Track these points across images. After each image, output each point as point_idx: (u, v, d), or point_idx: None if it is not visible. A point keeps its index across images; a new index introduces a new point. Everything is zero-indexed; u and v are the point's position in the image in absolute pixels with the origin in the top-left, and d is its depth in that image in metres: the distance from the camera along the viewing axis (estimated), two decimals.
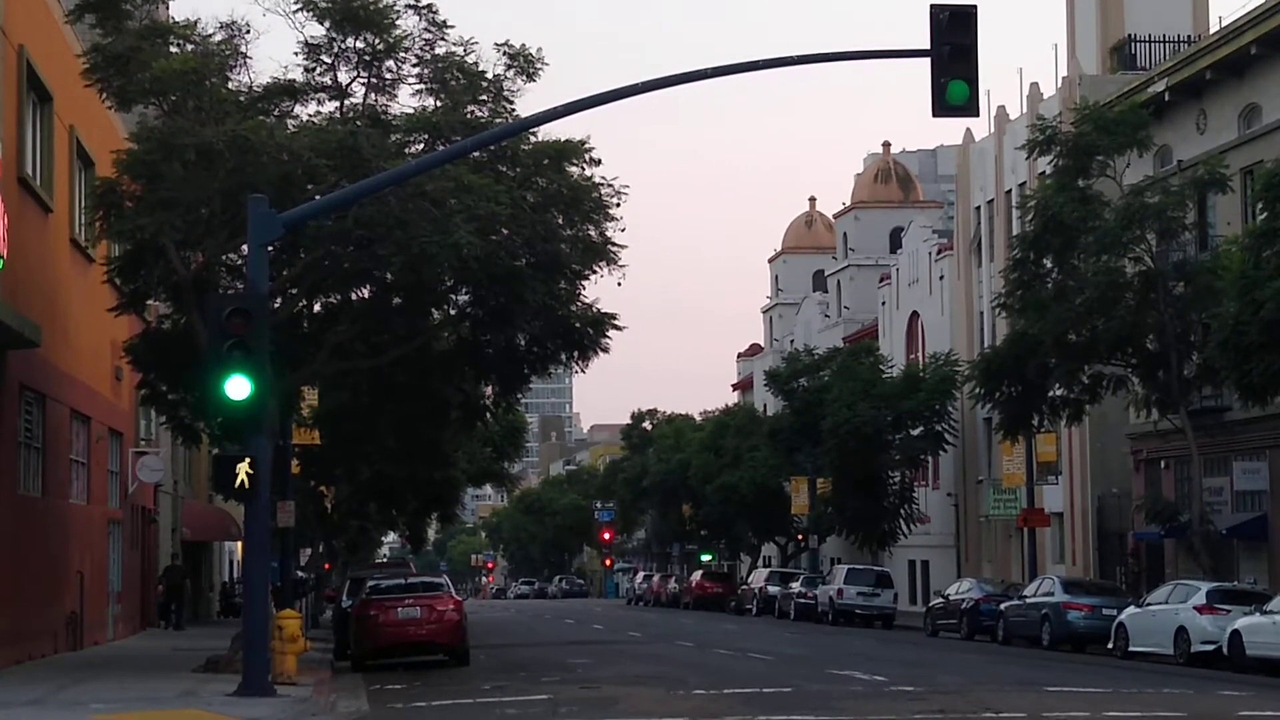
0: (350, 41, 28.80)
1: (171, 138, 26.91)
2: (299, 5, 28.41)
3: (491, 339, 31.49)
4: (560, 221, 29.48)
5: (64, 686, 23.82)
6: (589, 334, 31.01)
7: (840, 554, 72.81)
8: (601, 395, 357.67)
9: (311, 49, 29.02)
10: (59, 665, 28.60)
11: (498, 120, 28.61)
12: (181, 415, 33.04)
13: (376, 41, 28.74)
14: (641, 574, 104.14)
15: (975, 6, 21.22)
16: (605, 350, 31.31)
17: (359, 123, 28.31)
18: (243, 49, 28.73)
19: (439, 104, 29.07)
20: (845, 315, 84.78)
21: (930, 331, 70.14)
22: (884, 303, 76.77)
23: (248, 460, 21.94)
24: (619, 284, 30.58)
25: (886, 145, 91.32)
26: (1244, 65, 44.27)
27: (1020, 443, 50.76)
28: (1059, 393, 43.93)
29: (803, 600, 60.37)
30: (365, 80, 29.30)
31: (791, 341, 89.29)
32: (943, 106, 21.11)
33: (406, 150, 28.58)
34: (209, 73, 27.62)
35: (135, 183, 28.12)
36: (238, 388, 20.97)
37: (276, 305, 27.80)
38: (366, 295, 31.20)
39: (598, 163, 29.53)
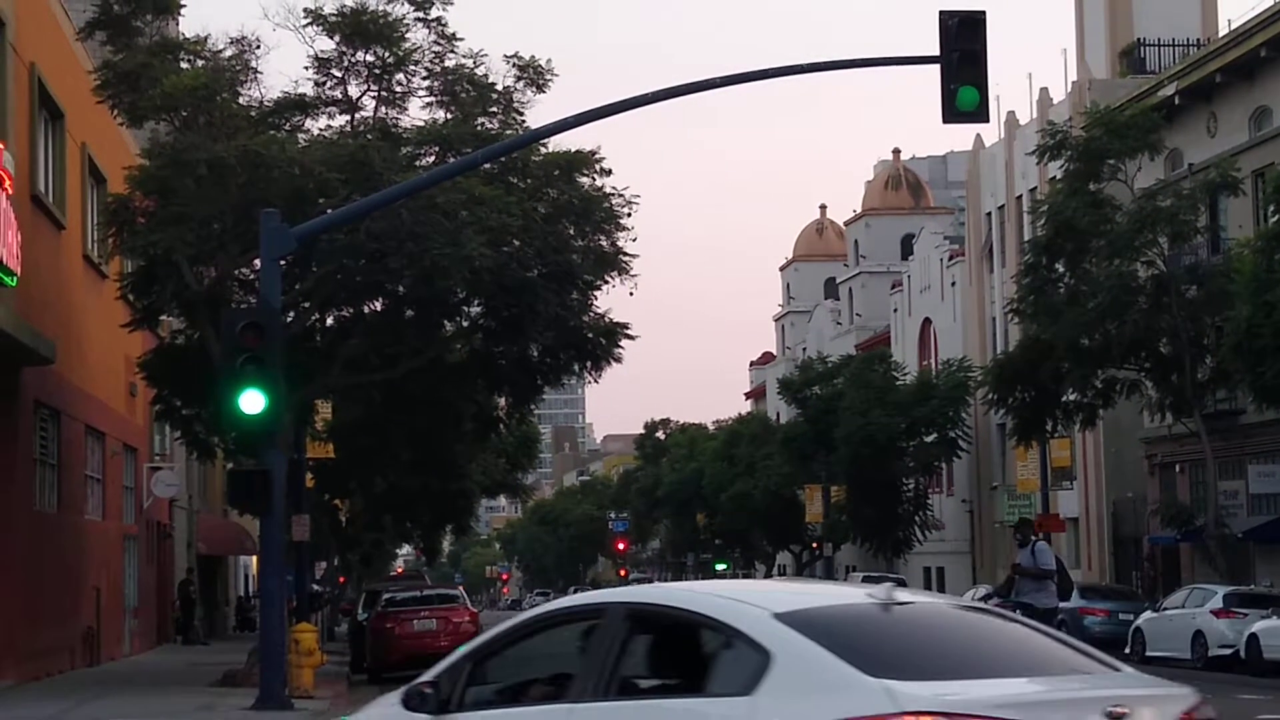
0: (360, 55, 28.87)
1: (183, 153, 26.96)
2: (309, 20, 28.50)
3: (504, 350, 31.52)
4: (571, 232, 29.51)
5: (82, 702, 23.85)
6: (601, 344, 31.01)
7: (855, 561, 72.73)
8: (614, 405, 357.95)
9: (321, 63, 29.10)
10: (76, 681, 28.63)
11: (508, 132, 28.65)
12: (196, 430, 33.08)
13: (386, 55, 28.80)
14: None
15: (984, 12, 21.20)
16: (618, 360, 31.33)
17: (370, 136, 28.37)
18: (253, 64, 28.82)
19: (449, 116, 29.12)
20: (857, 322, 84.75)
21: (943, 338, 70.09)
22: (896, 309, 76.73)
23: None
24: (631, 294, 30.62)
25: (896, 152, 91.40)
26: (1254, 68, 44.24)
27: (1034, 448, 50.69)
28: (1072, 397, 43.89)
29: None
30: (375, 93, 29.37)
31: (804, 349, 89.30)
32: (953, 113, 21.08)
33: (417, 163, 28.62)
34: (220, 88, 27.68)
35: (147, 199, 28.18)
36: (252, 402, 20.99)
37: (289, 319, 27.83)
38: (379, 308, 31.23)
39: (608, 173, 29.58)
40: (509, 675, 8.32)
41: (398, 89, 29.42)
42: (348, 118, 29.58)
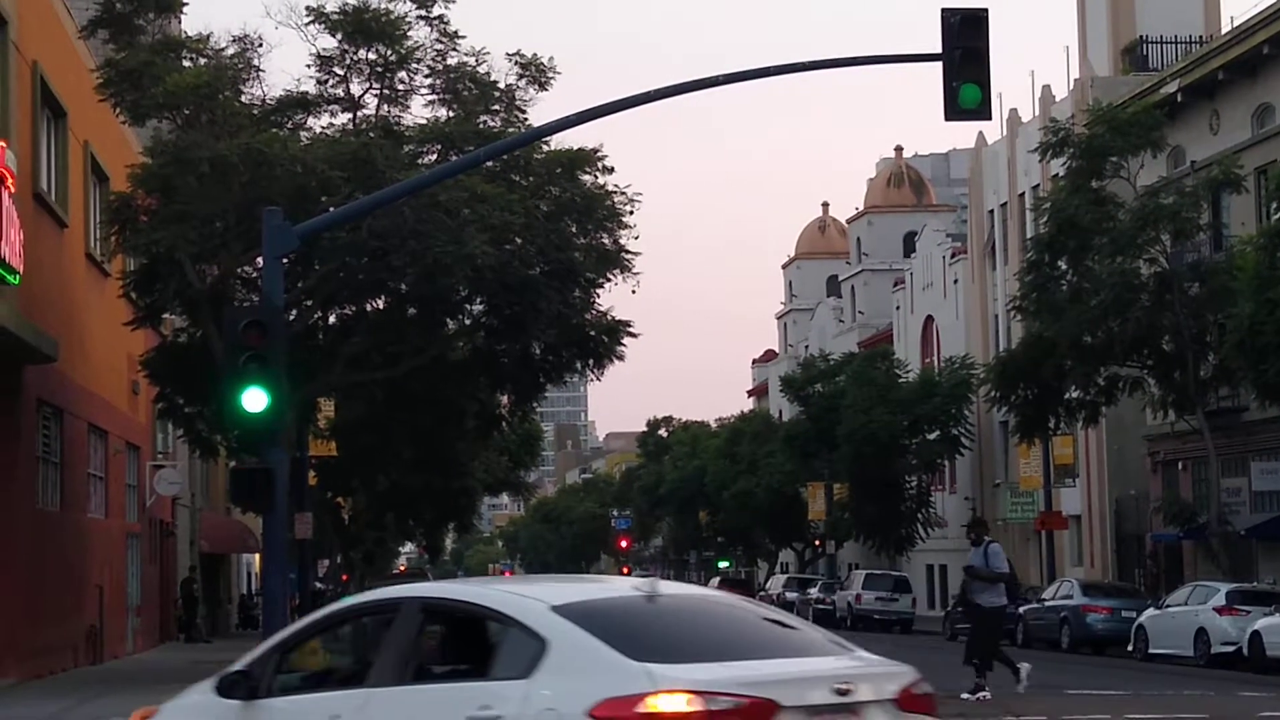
0: (362, 53, 28.90)
1: (185, 151, 26.98)
2: (311, 18, 28.56)
3: (506, 348, 31.54)
4: (574, 230, 29.53)
5: (85, 700, 23.86)
6: (604, 342, 31.04)
7: (858, 559, 72.73)
8: (617, 403, 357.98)
9: (324, 61, 29.13)
10: (79, 679, 28.64)
11: (510, 130, 28.67)
12: (198, 428, 33.10)
13: (388, 53, 28.83)
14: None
15: (987, 10, 21.18)
16: (620, 358, 31.36)
17: (372, 134, 28.39)
18: (255, 62, 28.88)
19: (451, 114, 29.15)
20: (860, 320, 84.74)
21: (945, 335, 70.06)
22: (898, 307, 76.71)
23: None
24: (633, 291, 30.67)
25: (899, 149, 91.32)
26: (1256, 65, 44.21)
27: (1037, 445, 50.68)
28: (1075, 395, 43.85)
29: (821, 606, 60.29)
30: (378, 91, 29.39)
31: (806, 347, 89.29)
32: (955, 110, 21.05)
33: (419, 161, 28.64)
34: (222, 86, 27.70)
35: (150, 197, 28.20)
36: (254, 400, 20.97)
37: (292, 317, 27.85)
38: (381, 306, 31.27)
39: (611, 171, 29.61)
40: (315, 664, 9.21)
41: (400, 87, 29.45)
42: (350, 116, 29.60)
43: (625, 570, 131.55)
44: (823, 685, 7.75)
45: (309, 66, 29.27)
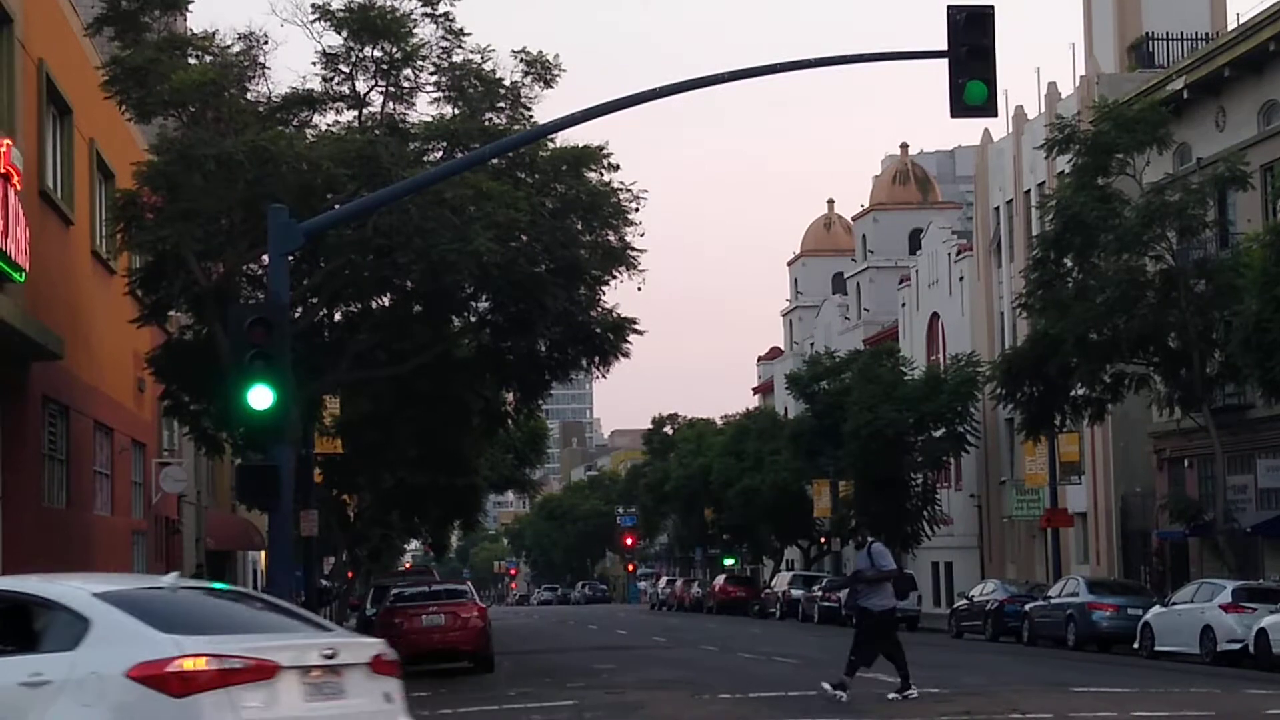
0: (368, 50, 28.92)
1: (191, 149, 27.01)
2: (316, 15, 28.59)
3: (512, 345, 31.57)
4: (579, 227, 29.56)
5: None
6: (609, 339, 31.06)
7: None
8: (622, 400, 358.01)
9: (329, 59, 29.15)
10: None
11: (516, 127, 28.70)
12: (204, 425, 33.14)
13: (394, 50, 28.85)
14: (664, 579, 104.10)
15: (992, 7, 21.19)
16: (625, 355, 31.39)
17: (377, 131, 28.41)
18: (261, 59, 28.92)
19: (457, 112, 29.18)
20: (865, 317, 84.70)
21: (951, 332, 70.04)
22: (904, 304, 76.67)
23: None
24: (639, 289, 30.74)
25: (904, 147, 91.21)
26: (1262, 62, 44.14)
27: (1042, 443, 50.63)
28: (1081, 392, 43.82)
29: (826, 603, 60.24)
30: (383, 89, 29.41)
31: (812, 344, 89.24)
32: (961, 107, 21.06)
33: (425, 158, 28.69)
34: (228, 84, 27.74)
35: (155, 194, 28.24)
36: (260, 397, 20.99)
37: (297, 314, 27.89)
38: (387, 303, 31.31)
39: (616, 168, 29.64)
40: None
41: (405, 84, 29.48)
42: (355, 113, 29.63)
43: (630, 568, 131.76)
44: (313, 651, 10.22)
45: (314, 64, 29.35)
